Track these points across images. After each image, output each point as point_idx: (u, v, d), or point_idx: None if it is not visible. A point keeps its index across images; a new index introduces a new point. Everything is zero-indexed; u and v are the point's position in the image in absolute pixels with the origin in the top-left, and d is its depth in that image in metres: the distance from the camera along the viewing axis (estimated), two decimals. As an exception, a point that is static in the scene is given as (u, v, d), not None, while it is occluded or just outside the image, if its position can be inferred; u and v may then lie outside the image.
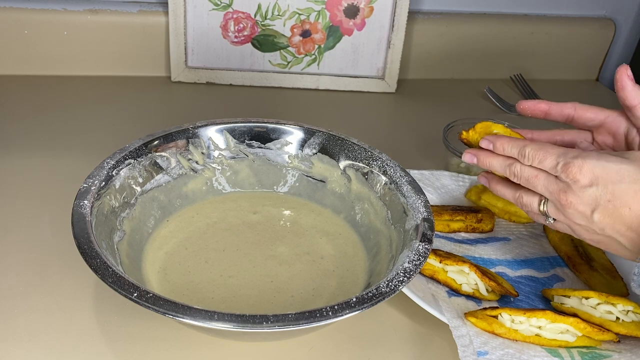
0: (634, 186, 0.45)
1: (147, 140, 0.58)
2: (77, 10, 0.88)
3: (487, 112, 0.95)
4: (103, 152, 0.57)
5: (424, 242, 0.49)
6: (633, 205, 0.45)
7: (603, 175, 0.46)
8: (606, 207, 0.46)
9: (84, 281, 0.55)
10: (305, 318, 0.41)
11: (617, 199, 0.46)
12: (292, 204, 0.63)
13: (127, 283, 0.42)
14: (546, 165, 0.50)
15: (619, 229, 0.47)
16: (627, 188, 0.46)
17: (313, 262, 0.56)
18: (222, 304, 0.51)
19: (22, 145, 0.75)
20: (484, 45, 1.03)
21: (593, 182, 0.47)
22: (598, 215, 0.47)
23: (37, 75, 0.91)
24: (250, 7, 0.90)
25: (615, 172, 0.46)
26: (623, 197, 0.46)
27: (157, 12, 0.91)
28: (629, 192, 0.45)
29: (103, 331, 0.51)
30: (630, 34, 1.10)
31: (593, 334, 0.51)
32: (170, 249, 0.56)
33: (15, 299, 0.53)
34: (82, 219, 0.48)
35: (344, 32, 0.93)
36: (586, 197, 0.47)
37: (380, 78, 0.97)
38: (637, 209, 0.45)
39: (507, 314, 0.51)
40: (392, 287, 0.45)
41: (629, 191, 0.45)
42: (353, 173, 0.61)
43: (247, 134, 0.63)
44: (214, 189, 0.63)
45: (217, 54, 0.92)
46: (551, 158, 0.50)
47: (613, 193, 0.46)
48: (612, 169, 0.46)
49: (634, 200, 0.45)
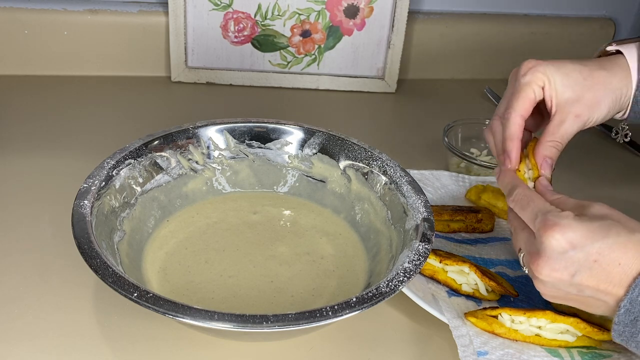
0: (622, 240, 0.43)
1: (147, 140, 0.58)
2: (77, 10, 0.88)
3: (487, 112, 0.95)
4: (103, 152, 0.57)
5: (424, 242, 0.49)
6: (623, 260, 0.42)
7: (587, 235, 0.43)
8: (591, 269, 0.43)
9: (84, 281, 0.55)
10: (305, 318, 0.41)
11: (605, 257, 0.43)
12: (292, 204, 0.63)
13: (127, 283, 0.42)
14: (525, 217, 0.47)
15: (603, 289, 0.43)
16: (614, 243, 0.43)
17: (313, 262, 0.56)
18: (222, 304, 0.51)
19: (22, 146, 0.75)
20: (484, 45, 1.03)
21: (575, 245, 0.43)
22: (580, 278, 0.44)
23: (37, 75, 0.91)
24: (250, 7, 0.90)
25: (599, 229, 0.43)
26: (611, 254, 0.43)
27: (157, 12, 0.91)
28: (617, 247, 0.42)
29: (103, 331, 0.51)
30: (630, 34, 1.10)
31: (593, 334, 0.51)
32: (170, 249, 0.56)
33: (15, 299, 0.53)
34: (82, 219, 0.48)
35: (344, 32, 0.93)
36: (565, 261, 0.44)
37: (380, 78, 0.97)
38: (628, 264, 0.42)
39: (507, 314, 0.51)
40: (392, 287, 0.45)
41: (616, 246, 0.43)
42: (353, 173, 0.61)
43: (247, 134, 0.63)
44: (214, 189, 0.63)
45: (217, 54, 0.92)
46: (529, 213, 0.47)
47: (600, 252, 0.43)
48: (595, 227, 0.43)
49: (624, 256, 0.42)
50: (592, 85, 0.55)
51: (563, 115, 0.55)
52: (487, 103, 0.99)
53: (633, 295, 0.42)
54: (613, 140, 0.92)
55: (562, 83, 0.55)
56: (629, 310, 0.42)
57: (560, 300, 0.47)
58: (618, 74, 0.56)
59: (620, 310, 0.42)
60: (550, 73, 0.55)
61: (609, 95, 0.55)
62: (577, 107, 0.55)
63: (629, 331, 0.43)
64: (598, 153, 0.88)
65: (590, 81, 0.55)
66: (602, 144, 0.91)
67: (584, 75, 0.55)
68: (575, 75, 0.55)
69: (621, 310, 0.42)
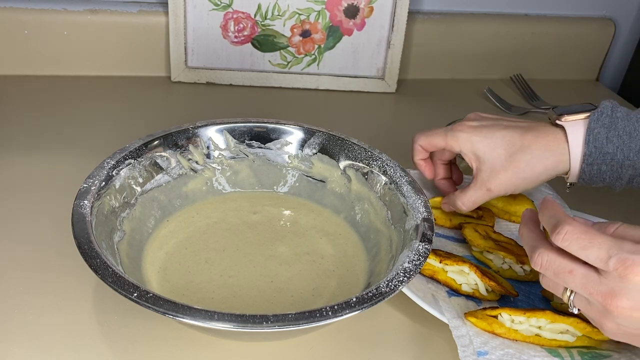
0: None
1: (147, 140, 0.58)
2: (77, 10, 0.88)
3: (487, 112, 0.95)
4: (103, 152, 0.57)
5: (424, 242, 0.49)
6: None
7: None
8: None
9: (84, 281, 0.55)
10: (305, 318, 0.41)
11: None
12: (292, 204, 0.63)
13: (127, 283, 0.42)
14: (589, 256, 0.42)
15: None
16: None
17: (313, 262, 0.56)
18: (222, 304, 0.51)
19: (22, 145, 0.75)
20: (484, 45, 1.03)
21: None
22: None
23: (37, 75, 0.91)
24: (250, 7, 0.90)
25: None
26: None
27: (157, 12, 0.91)
28: None
29: (103, 331, 0.51)
30: (630, 34, 1.10)
31: (593, 334, 0.51)
32: (170, 249, 0.56)
33: (15, 299, 0.53)
34: (82, 219, 0.48)
35: (344, 32, 0.93)
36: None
37: (380, 78, 0.97)
38: None
39: (507, 314, 0.51)
40: (392, 287, 0.45)
41: None
42: (353, 173, 0.61)
43: (247, 134, 0.63)
44: (214, 189, 0.63)
45: (217, 54, 0.92)
46: (597, 249, 0.41)
47: None
48: None
49: None
50: (512, 167, 0.58)
51: (477, 185, 0.60)
52: (487, 103, 0.99)
53: None
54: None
55: (484, 155, 0.59)
56: None
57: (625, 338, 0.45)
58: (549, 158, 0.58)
59: None
60: (471, 142, 0.60)
61: (524, 178, 0.59)
62: (490, 182, 0.59)
63: None
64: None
65: (513, 162, 0.58)
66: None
67: (508, 153, 0.58)
68: (499, 152, 0.59)
69: None
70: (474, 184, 0.61)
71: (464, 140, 0.60)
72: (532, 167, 0.58)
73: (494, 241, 0.61)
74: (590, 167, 0.57)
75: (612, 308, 0.41)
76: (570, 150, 0.57)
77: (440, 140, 0.62)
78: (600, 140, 0.56)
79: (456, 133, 0.61)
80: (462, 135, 0.60)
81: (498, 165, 0.59)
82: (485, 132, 0.60)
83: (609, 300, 0.41)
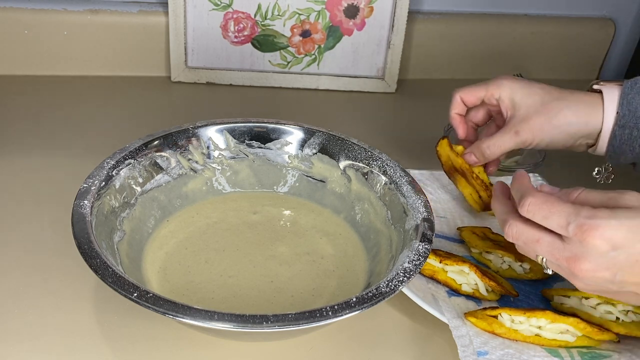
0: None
1: (147, 140, 0.58)
2: (77, 10, 0.88)
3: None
4: (103, 152, 0.57)
5: (424, 242, 0.49)
6: None
7: (627, 235, 0.42)
8: (633, 267, 0.42)
9: (84, 281, 0.55)
10: (305, 318, 0.41)
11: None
12: (292, 204, 0.63)
13: (127, 283, 0.42)
14: (551, 224, 0.44)
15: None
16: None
17: (313, 262, 0.56)
18: (222, 304, 0.51)
19: (22, 145, 0.75)
20: (484, 45, 1.03)
21: (617, 245, 0.42)
22: (622, 276, 0.43)
23: (37, 75, 0.91)
24: (250, 7, 0.90)
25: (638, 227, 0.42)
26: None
27: (157, 12, 0.91)
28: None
29: (103, 331, 0.51)
30: (630, 34, 1.10)
31: (593, 334, 0.51)
32: (170, 249, 0.56)
33: (15, 299, 0.53)
34: (82, 219, 0.48)
35: (344, 32, 0.93)
36: (607, 262, 0.42)
37: (380, 78, 0.97)
38: None
39: (507, 314, 0.51)
40: (392, 287, 0.45)
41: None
42: (353, 173, 0.61)
43: (247, 134, 0.63)
44: (214, 189, 0.63)
45: (217, 54, 0.93)
46: (559, 218, 0.44)
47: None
48: (636, 224, 0.42)
49: None
50: (545, 112, 0.60)
51: (507, 129, 0.61)
52: (487, 103, 0.99)
53: None
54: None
55: (520, 101, 0.61)
56: None
57: (597, 292, 0.46)
58: (582, 110, 0.59)
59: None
60: (511, 89, 0.62)
61: (557, 127, 0.59)
62: (520, 126, 0.60)
63: None
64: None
65: (546, 108, 0.60)
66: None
67: (544, 100, 0.60)
68: (535, 98, 0.60)
69: None
70: (501, 129, 0.62)
71: (505, 86, 0.62)
72: (565, 114, 0.59)
73: (492, 242, 0.61)
74: (622, 130, 0.58)
75: (577, 271, 0.44)
76: (605, 108, 0.59)
77: (482, 89, 0.64)
78: (634, 104, 0.58)
79: (498, 79, 0.63)
80: (504, 82, 0.62)
81: (532, 111, 0.60)
82: (525, 82, 0.62)
83: (573, 265, 0.44)
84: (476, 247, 0.61)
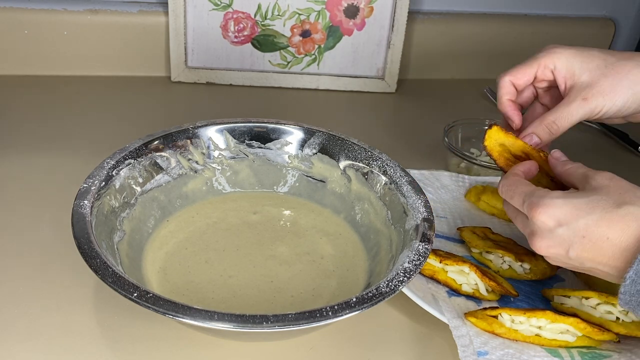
0: (608, 215, 0.43)
1: (147, 140, 0.58)
2: (77, 10, 0.88)
3: (487, 112, 0.95)
4: (103, 152, 0.57)
5: (424, 242, 0.49)
6: (611, 235, 0.43)
7: (571, 212, 0.44)
8: (582, 244, 0.44)
9: (84, 281, 0.55)
10: (305, 318, 0.41)
11: (593, 233, 0.43)
12: (292, 204, 0.63)
13: (127, 283, 0.42)
14: (515, 203, 0.49)
15: (600, 261, 0.44)
16: (600, 219, 0.43)
17: (313, 262, 0.56)
18: (222, 304, 0.51)
19: (22, 146, 0.75)
20: (484, 45, 1.03)
21: (561, 222, 0.45)
22: (574, 252, 0.45)
23: (37, 75, 0.91)
24: (250, 7, 0.90)
25: (585, 205, 0.44)
26: (598, 229, 0.43)
27: (157, 12, 0.91)
28: (602, 223, 0.43)
29: (103, 331, 0.51)
30: (630, 34, 1.10)
31: (593, 334, 0.51)
32: (170, 249, 0.56)
33: (15, 299, 0.53)
34: (82, 219, 0.48)
35: (344, 32, 0.93)
36: (556, 238, 0.45)
37: (380, 78, 0.97)
38: (616, 238, 0.43)
39: (507, 314, 0.51)
40: (392, 287, 0.45)
41: (602, 222, 0.43)
42: (353, 173, 0.61)
43: (247, 134, 0.63)
44: (214, 189, 0.63)
45: (217, 54, 0.93)
46: (517, 198, 0.48)
47: (586, 228, 0.44)
48: (581, 203, 0.44)
49: (611, 230, 0.43)
50: (613, 73, 0.53)
51: (571, 97, 0.54)
52: (487, 103, 0.99)
53: (639, 267, 0.42)
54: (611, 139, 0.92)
55: (580, 67, 0.54)
56: (634, 281, 0.42)
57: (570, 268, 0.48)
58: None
59: (625, 281, 0.42)
60: (567, 57, 0.55)
61: (630, 87, 0.53)
62: (587, 91, 0.53)
63: (635, 300, 0.43)
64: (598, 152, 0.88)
65: (612, 69, 0.53)
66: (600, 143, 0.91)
67: (608, 62, 0.54)
68: (597, 62, 0.54)
69: (627, 281, 0.42)
70: (565, 99, 0.55)
71: (560, 54, 0.55)
72: (635, 74, 0.53)
73: (492, 242, 0.61)
74: None
75: (536, 248, 0.47)
76: None
77: (532, 65, 0.57)
78: None
79: (548, 49, 0.56)
80: (556, 50, 0.56)
81: (597, 74, 0.54)
82: (579, 48, 0.56)
83: (532, 241, 0.47)
84: (476, 247, 0.61)
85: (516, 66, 0.58)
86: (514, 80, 0.58)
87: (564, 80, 0.55)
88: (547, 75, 0.57)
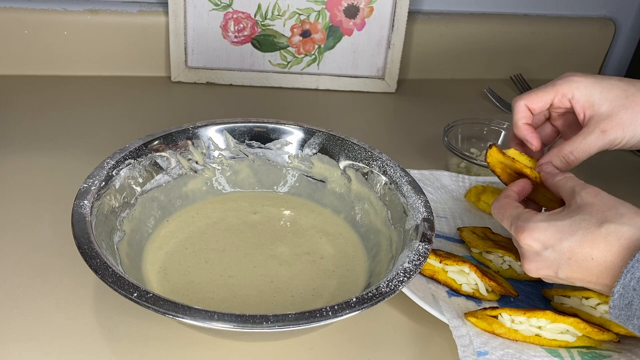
0: (590, 235, 0.43)
1: (147, 140, 0.58)
2: (77, 10, 0.88)
3: (487, 112, 0.95)
4: (103, 152, 0.57)
5: (424, 242, 0.49)
6: (595, 254, 0.43)
7: (555, 235, 0.45)
8: (569, 265, 0.45)
9: (84, 281, 0.55)
10: (305, 318, 0.41)
11: (577, 254, 0.44)
12: (292, 204, 0.63)
13: (127, 283, 0.42)
14: (504, 225, 0.50)
15: (589, 280, 0.45)
16: (582, 239, 0.44)
17: (313, 262, 0.56)
18: (222, 304, 0.51)
19: (22, 145, 0.75)
20: (484, 45, 1.03)
21: (546, 245, 0.45)
22: (563, 273, 0.45)
23: (37, 75, 0.91)
24: (250, 7, 0.90)
25: (568, 227, 0.44)
26: (582, 250, 0.44)
27: (157, 12, 0.91)
28: (585, 244, 0.43)
29: (103, 331, 0.51)
30: (630, 34, 1.10)
31: (593, 334, 0.51)
32: (170, 249, 0.56)
33: (15, 299, 0.53)
34: (82, 219, 0.48)
35: (344, 32, 0.93)
36: (544, 261, 0.46)
37: (380, 78, 0.97)
38: (600, 257, 0.43)
39: (507, 314, 0.51)
40: (392, 287, 0.45)
41: (585, 242, 0.44)
42: (353, 173, 0.61)
43: (247, 134, 0.63)
44: (214, 189, 0.63)
45: (217, 54, 0.93)
46: (506, 221, 0.49)
47: (571, 250, 0.44)
48: (564, 225, 0.45)
49: (594, 250, 0.43)
50: (633, 105, 0.52)
51: (590, 128, 0.53)
52: (487, 103, 0.99)
53: (625, 281, 0.42)
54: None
55: (600, 97, 0.53)
56: (622, 295, 0.42)
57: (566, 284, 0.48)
58: None
59: (614, 295, 0.42)
60: (586, 86, 0.54)
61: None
62: (607, 123, 0.53)
63: (624, 314, 0.43)
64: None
65: (632, 100, 0.52)
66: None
67: (628, 93, 0.53)
68: (617, 92, 0.53)
69: (615, 296, 0.42)
70: (583, 130, 0.54)
71: (578, 82, 0.54)
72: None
73: (492, 242, 0.61)
74: None
75: (527, 270, 0.48)
76: None
77: (549, 91, 0.55)
78: None
79: (566, 77, 0.55)
80: (574, 79, 0.54)
81: (617, 105, 0.52)
82: (598, 77, 0.55)
83: (522, 264, 0.48)
84: (476, 247, 0.61)
85: (533, 90, 0.56)
86: (529, 105, 0.56)
87: (582, 109, 0.54)
88: (564, 104, 0.56)
